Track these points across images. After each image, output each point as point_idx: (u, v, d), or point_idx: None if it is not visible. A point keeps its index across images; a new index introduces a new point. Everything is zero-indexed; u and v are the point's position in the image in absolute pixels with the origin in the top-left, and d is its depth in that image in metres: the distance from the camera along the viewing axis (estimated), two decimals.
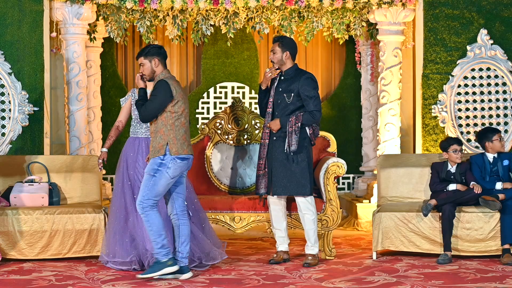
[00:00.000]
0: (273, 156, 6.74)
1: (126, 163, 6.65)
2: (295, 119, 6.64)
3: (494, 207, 6.90)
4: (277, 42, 6.79)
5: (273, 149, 6.75)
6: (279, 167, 6.71)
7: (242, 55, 10.47)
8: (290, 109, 6.72)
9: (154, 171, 6.13)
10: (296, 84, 6.71)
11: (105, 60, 10.05)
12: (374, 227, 7.14)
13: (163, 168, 6.13)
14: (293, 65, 6.80)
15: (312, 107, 6.67)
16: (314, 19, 8.80)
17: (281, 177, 6.69)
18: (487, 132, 7.35)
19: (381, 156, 7.96)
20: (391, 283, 5.94)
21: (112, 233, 6.59)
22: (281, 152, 6.70)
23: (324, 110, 10.56)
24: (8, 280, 6.16)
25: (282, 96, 6.74)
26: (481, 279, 6.07)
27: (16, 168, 7.50)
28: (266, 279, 6.12)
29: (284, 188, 6.70)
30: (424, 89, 8.70)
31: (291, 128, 6.63)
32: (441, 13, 8.67)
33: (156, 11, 8.67)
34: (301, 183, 6.68)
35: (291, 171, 6.67)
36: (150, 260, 6.36)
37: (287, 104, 6.72)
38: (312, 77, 6.77)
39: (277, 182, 6.71)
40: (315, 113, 6.67)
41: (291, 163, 6.68)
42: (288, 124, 6.65)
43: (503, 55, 8.63)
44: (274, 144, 6.75)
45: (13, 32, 8.31)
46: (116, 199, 6.64)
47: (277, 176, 6.71)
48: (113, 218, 6.62)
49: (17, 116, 8.26)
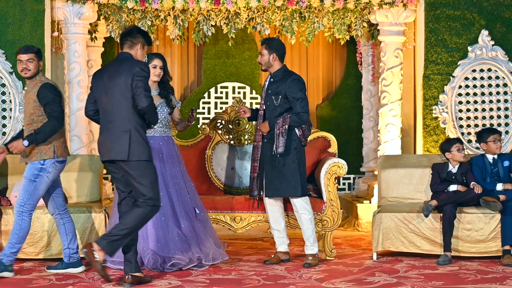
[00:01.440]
0: (264, 159, 6.76)
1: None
2: (282, 121, 6.63)
3: (495, 208, 6.90)
4: (264, 45, 6.80)
5: (264, 151, 6.76)
6: (269, 169, 6.72)
7: (243, 55, 10.48)
8: (278, 111, 6.71)
9: (35, 176, 6.24)
10: (284, 86, 6.70)
11: (106, 60, 10.04)
12: (374, 228, 7.14)
13: (43, 173, 6.25)
14: (281, 67, 6.80)
15: (299, 109, 6.63)
16: (315, 19, 8.80)
17: (272, 179, 6.70)
18: (483, 133, 7.35)
19: (381, 156, 7.96)
20: (391, 283, 5.93)
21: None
22: (271, 154, 6.70)
23: (325, 111, 10.56)
24: (8, 280, 6.16)
25: (271, 98, 6.75)
26: (481, 280, 6.07)
27: (17, 168, 7.49)
28: (266, 279, 6.12)
29: (275, 190, 6.71)
30: (425, 90, 8.70)
31: (278, 131, 6.62)
32: (442, 14, 8.67)
33: (157, 11, 8.67)
34: (291, 185, 6.66)
35: (281, 173, 6.66)
36: (150, 258, 6.37)
37: (275, 107, 6.72)
38: (299, 78, 6.75)
39: (269, 185, 6.72)
40: (302, 115, 6.63)
41: (281, 166, 6.67)
42: (276, 126, 6.65)
43: (504, 56, 8.63)
44: (265, 146, 6.76)
45: (14, 32, 8.32)
46: (115, 201, 6.63)
47: (268, 178, 6.72)
48: (114, 218, 6.62)
49: (18, 115, 8.26)
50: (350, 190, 10.57)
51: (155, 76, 6.73)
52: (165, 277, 6.22)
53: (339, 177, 7.20)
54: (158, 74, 6.74)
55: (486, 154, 7.29)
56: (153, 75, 6.70)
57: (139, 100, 5.74)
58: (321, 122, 10.51)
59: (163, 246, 6.47)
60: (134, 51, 5.93)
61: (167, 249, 6.46)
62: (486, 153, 7.29)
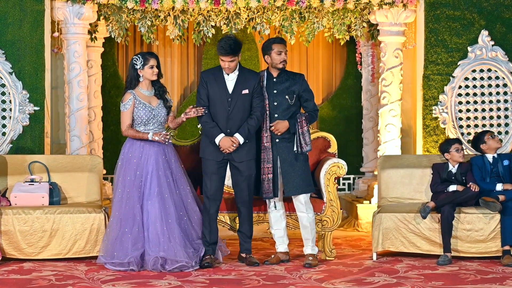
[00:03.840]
0: (280, 158, 6.75)
1: (135, 164, 6.67)
2: (304, 119, 6.69)
3: (494, 209, 6.90)
4: (284, 44, 6.85)
5: (278, 151, 6.76)
6: (288, 168, 6.73)
7: (243, 55, 10.45)
8: (292, 110, 6.78)
9: None
10: (297, 85, 6.78)
11: (106, 60, 10.05)
12: (374, 228, 7.14)
13: None
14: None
15: (315, 107, 6.85)
16: (315, 19, 8.80)
17: (293, 177, 6.72)
18: (480, 135, 7.39)
19: (381, 157, 7.96)
20: (391, 284, 5.94)
21: (112, 234, 6.60)
22: (289, 152, 6.74)
23: (324, 111, 10.55)
24: (8, 280, 6.16)
25: (282, 97, 6.76)
26: (481, 280, 6.07)
27: (17, 168, 7.50)
28: (266, 279, 6.12)
29: (297, 188, 6.74)
30: (424, 90, 8.70)
31: (302, 129, 6.69)
32: (442, 14, 8.66)
33: (157, 11, 8.66)
34: (308, 181, 6.79)
35: (302, 170, 6.73)
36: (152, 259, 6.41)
37: (289, 106, 6.77)
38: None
39: (289, 183, 6.73)
40: (316, 113, 6.86)
41: (302, 163, 6.75)
42: (298, 125, 6.69)
43: (504, 57, 8.63)
44: (279, 146, 6.76)
45: (14, 32, 8.31)
46: (121, 200, 6.63)
47: (288, 177, 6.73)
48: (115, 219, 6.61)
49: (17, 115, 8.26)
50: (350, 191, 10.56)
51: (154, 76, 6.75)
52: (165, 277, 6.22)
53: (339, 177, 7.21)
54: (156, 73, 6.77)
55: (486, 154, 7.29)
56: (151, 75, 6.73)
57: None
58: (321, 122, 10.51)
59: (167, 248, 6.48)
60: None
61: (172, 252, 6.48)
62: (486, 153, 7.30)
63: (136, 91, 6.76)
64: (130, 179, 6.65)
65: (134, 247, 6.51)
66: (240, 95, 6.71)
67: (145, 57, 6.73)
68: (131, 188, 6.63)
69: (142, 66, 6.72)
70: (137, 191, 6.63)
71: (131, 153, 6.72)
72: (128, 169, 6.68)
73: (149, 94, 6.79)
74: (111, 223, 6.69)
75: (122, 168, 6.71)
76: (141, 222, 6.58)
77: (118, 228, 6.59)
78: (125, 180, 6.67)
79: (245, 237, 6.91)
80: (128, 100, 6.74)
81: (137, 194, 6.62)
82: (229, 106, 6.70)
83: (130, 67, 6.80)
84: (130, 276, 6.26)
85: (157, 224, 6.53)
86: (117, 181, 6.76)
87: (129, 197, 6.62)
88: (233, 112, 6.70)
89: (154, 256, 6.43)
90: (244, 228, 6.90)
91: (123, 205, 6.62)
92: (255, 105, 6.74)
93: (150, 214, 6.58)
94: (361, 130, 10.14)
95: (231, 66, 6.69)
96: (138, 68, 6.73)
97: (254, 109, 6.74)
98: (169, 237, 6.51)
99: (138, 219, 6.57)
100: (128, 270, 6.44)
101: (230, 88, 6.73)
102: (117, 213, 6.64)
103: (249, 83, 6.73)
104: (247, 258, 6.84)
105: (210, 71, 6.91)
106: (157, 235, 6.52)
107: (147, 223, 6.57)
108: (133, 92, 6.74)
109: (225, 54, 6.63)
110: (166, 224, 6.55)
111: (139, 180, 6.65)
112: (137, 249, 6.50)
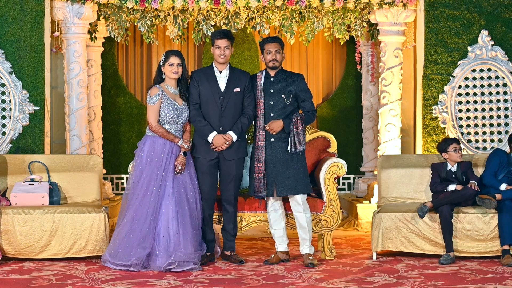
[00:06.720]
0: (274, 158, 6.75)
1: (156, 163, 6.64)
2: (300, 119, 6.67)
3: (490, 206, 6.90)
4: (277, 43, 6.81)
5: (273, 151, 6.76)
6: (282, 168, 6.72)
7: (243, 55, 10.47)
8: (288, 110, 6.76)
9: None
10: (295, 85, 6.77)
11: (105, 60, 10.05)
12: (374, 228, 7.14)
13: None
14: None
15: (312, 108, 6.81)
16: (315, 19, 8.80)
17: (286, 177, 6.71)
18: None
19: (381, 156, 7.96)
20: (391, 283, 5.94)
21: (122, 232, 6.57)
22: (283, 152, 6.72)
23: (324, 111, 10.56)
24: (8, 279, 6.16)
25: (278, 97, 6.76)
26: (481, 280, 6.08)
27: (17, 167, 7.50)
28: (266, 279, 6.12)
29: (290, 188, 6.72)
30: (424, 90, 8.70)
31: (297, 129, 6.67)
32: (442, 13, 8.67)
33: (157, 11, 8.67)
34: (304, 182, 6.76)
35: (296, 170, 6.71)
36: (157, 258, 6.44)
37: (285, 105, 6.75)
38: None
39: (282, 183, 6.72)
40: (314, 113, 6.83)
41: (296, 163, 6.72)
42: (293, 124, 6.67)
43: (503, 56, 8.63)
44: (273, 145, 6.76)
45: (14, 31, 8.31)
46: (137, 199, 6.59)
47: (280, 177, 6.72)
48: (129, 217, 6.57)
49: (17, 115, 8.26)
50: (350, 190, 10.56)
51: (173, 74, 6.69)
52: (165, 277, 6.23)
53: (339, 177, 7.21)
54: (176, 71, 6.69)
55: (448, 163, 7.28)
56: (171, 73, 6.68)
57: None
58: (321, 122, 10.51)
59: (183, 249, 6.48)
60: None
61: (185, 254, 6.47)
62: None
63: (163, 86, 6.71)
64: (151, 177, 6.60)
65: (140, 246, 6.46)
66: (232, 93, 6.72)
67: (167, 54, 6.71)
68: (149, 187, 6.58)
69: (163, 63, 6.69)
70: (156, 190, 6.58)
71: (153, 151, 6.64)
72: (148, 167, 6.61)
73: (174, 92, 6.73)
74: (123, 221, 6.61)
75: (140, 165, 6.65)
76: (153, 221, 6.53)
77: (129, 226, 6.55)
78: (144, 178, 6.61)
79: (229, 235, 6.93)
80: (156, 94, 6.64)
81: (155, 193, 6.56)
82: (222, 104, 6.71)
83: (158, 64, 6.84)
84: (130, 275, 6.26)
85: (173, 225, 6.50)
86: (134, 178, 6.67)
87: (146, 195, 6.56)
88: (226, 110, 6.71)
89: (166, 257, 6.41)
90: (228, 226, 6.91)
91: (138, 203, 6.57)
92: (246, 104, 6.76)
93: (166, 214, 6.53)
94: (361, 129, 10.14)
95: (226, 53, 6.69)
96: (161, 65, 6.72)
97: (246, 108, 6.76)
98: (183, 239, 6.49)
99: (151, 218, 6.53)
100: (129, 270, 6.43)
101: (222, 87, 6.74)
102: (132, 211, 6.57)
103: (240, 81, 6.75)
104: (232, 256, 6.87)
105: (201, 70, 6.91)
106: (172, 236, 6.48)
107: (161, 222, 6.54)
108: (160, 87, 6.70)
109: (221, 37, 6.65)
110: (181, 225, 6.51)
111: (159, 180, 6.59)
112: (143, 248, 6.46)
